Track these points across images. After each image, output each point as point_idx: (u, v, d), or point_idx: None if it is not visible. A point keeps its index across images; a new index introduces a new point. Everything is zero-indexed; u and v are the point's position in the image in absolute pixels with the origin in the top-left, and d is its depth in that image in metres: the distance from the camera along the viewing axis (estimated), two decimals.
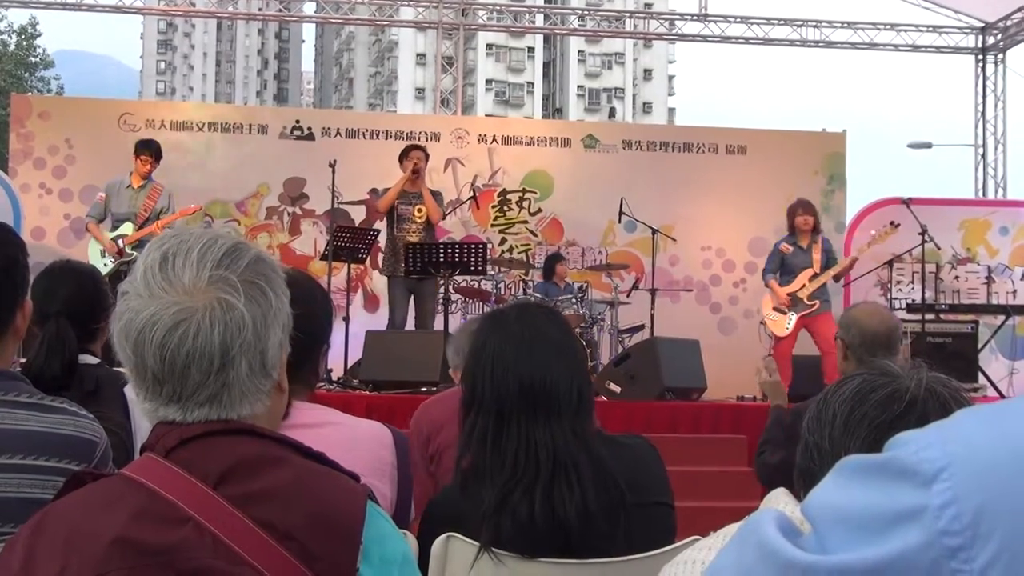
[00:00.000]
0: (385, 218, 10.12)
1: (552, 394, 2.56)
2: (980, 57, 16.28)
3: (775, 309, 9.86)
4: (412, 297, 9.92)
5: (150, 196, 9.85)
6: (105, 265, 9.50)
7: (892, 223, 10.23)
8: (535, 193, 13.65)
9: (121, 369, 3.56)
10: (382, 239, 10.29)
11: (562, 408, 2.56)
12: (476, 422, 2.60)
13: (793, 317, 9.73)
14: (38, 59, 36.51)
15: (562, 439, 2.53)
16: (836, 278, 10.01)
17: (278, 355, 1.51)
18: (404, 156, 10.06)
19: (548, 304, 3.04)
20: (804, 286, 9.74)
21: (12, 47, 35.43)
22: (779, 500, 1.51)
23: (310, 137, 13.37)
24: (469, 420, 2.62)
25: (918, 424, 1.48)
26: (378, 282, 12.68)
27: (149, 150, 9.90)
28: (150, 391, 1.47)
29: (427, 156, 10.26)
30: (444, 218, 10.44)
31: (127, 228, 9.78)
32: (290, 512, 1.40)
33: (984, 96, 16.33)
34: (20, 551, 1.41)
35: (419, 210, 9.88)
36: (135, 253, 9.57)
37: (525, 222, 13.65)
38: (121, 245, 9.71)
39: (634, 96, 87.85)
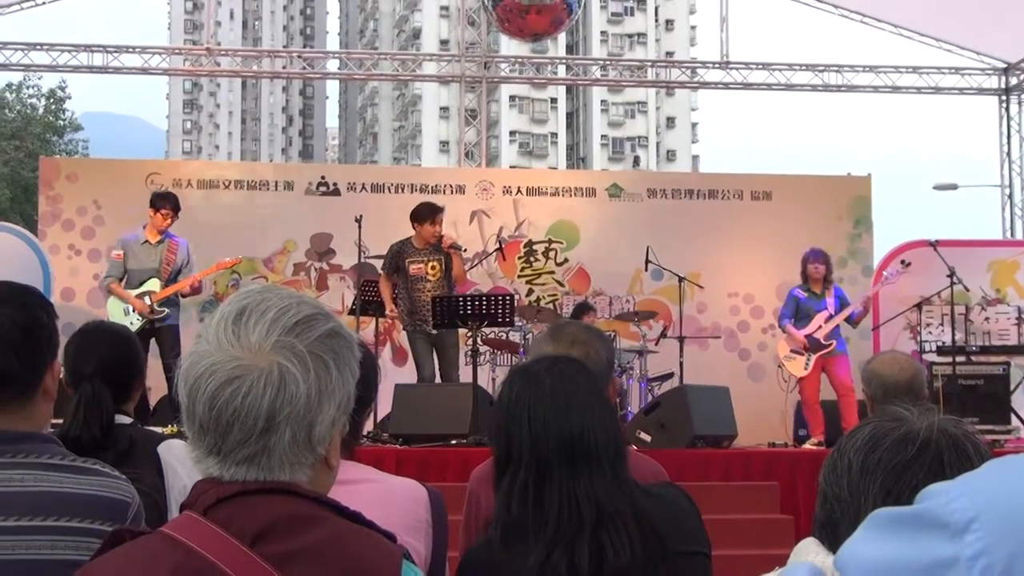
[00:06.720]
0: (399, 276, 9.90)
1: (591, 445, 2.51)
2: (1004, 97, 16.25)
3: (792, 351, 9.92)
4: (434, 350, 9.85)
5: (170, 250, 9.66)
6: (131, 324, 9.16)
7: (903, 262, 10.36)
8: (561, 243, 13.67)
9: (156, 429, 3.55)
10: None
11: (602, 458, 2.51)
12: (516, 476, 2.54)
13: (812, 357, 9.79)
14: (66, 122, 36.66)
15: (603, 489, 2.48)
16: (855, 323, 10.12)
17: (328, 432, 1.50)
18: (430, 219, 9.71)
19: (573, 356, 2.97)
20: (820, 327, 9.83)
21: (41, 111, 35.64)
22: (809, 551, 1.51)
23: (336, 192, 13.45)
24: (508, 476, 2.56)
25: (932, 465, 1.50)
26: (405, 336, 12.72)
27: (169, 204, 9.67)
28: (195, 437, 1.49)
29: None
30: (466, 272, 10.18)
31: (153, 284, 9.59)
32: (326, 571, 1.41)
33: (1008, 136, 16.29)
34: None
35: (432, 267, 9.74)
36: (165, 310, 9.54)
37: (552, 272, 13.66)
38: (149, 302, 9.51)
39: (658, 144, 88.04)
